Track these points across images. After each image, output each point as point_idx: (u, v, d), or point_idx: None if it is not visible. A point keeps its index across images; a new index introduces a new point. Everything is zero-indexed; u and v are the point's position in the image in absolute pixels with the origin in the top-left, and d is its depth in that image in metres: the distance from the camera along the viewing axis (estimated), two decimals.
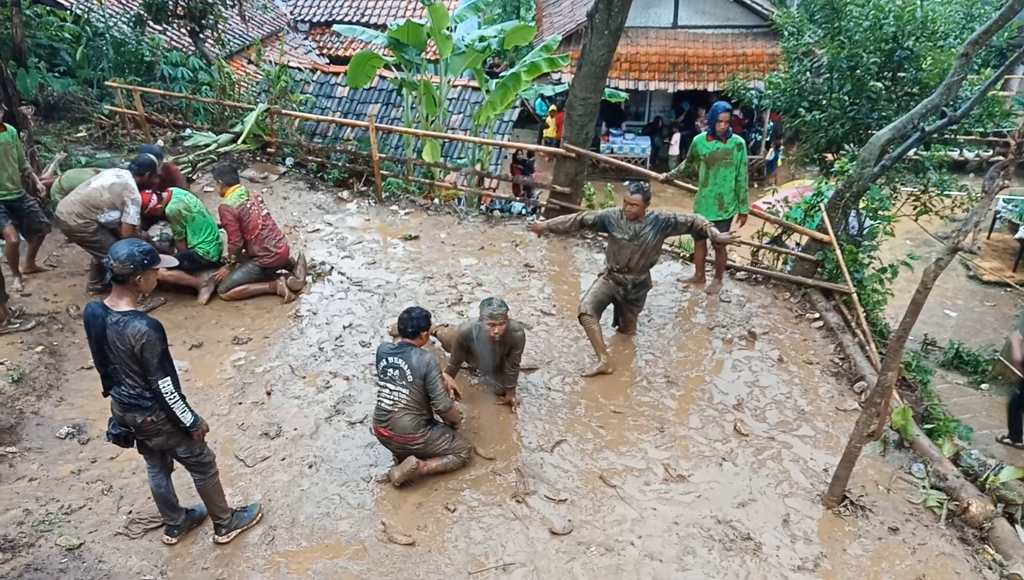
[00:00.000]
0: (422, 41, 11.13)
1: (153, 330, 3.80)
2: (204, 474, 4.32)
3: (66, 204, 6.45)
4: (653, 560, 4.39)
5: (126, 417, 4.01)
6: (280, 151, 10.53)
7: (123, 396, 3.96)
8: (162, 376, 3.86)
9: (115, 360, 3.87)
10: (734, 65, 18.48)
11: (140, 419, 3.98)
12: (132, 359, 3.81)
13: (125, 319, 3.78)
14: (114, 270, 3.77)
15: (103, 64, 11.65)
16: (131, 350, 3.77)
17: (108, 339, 3.82)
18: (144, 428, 4.02)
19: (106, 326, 3.81)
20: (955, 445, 5.39)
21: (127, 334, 3.76)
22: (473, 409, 5.61)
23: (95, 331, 3.86)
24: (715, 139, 6.71)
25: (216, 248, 7.05)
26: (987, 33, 6.02)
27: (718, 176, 6.81)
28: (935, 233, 13.36)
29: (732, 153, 6.70)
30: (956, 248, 4.00)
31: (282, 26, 20.12)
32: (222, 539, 4.46)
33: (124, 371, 3.88)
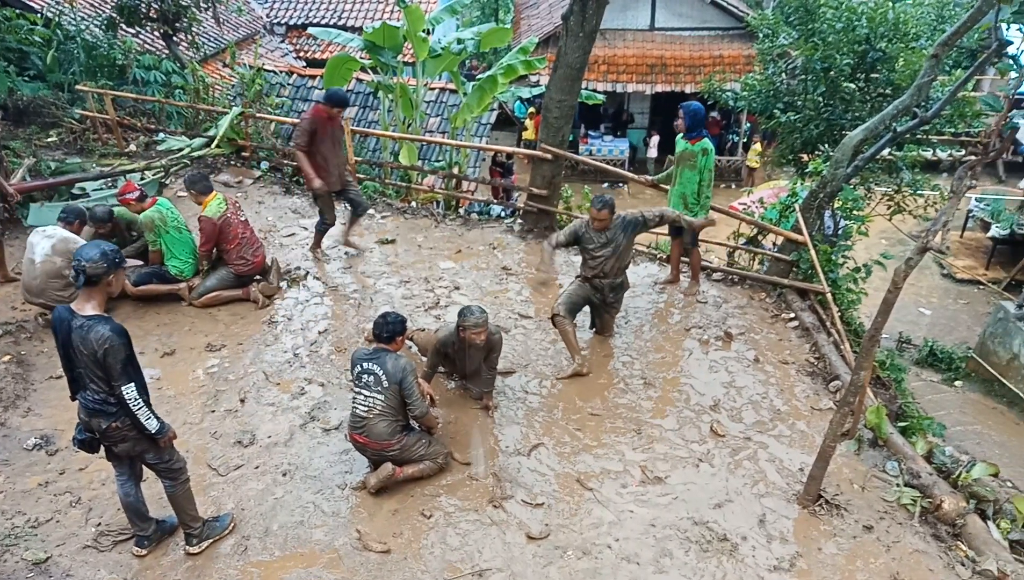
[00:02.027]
0: (398, 44, 11.08)
1: (117, 335, 3.74)
2: (174, 480, 4.24)
3: (33, 290, 6.23)
4: (630, 563, 4.38)
5: (91, 422, 3.96)
6: (255, 155, 10.43)
7: (88, 401, 3.91)
8: (125, 382, 3.79)
9: (80, 364, 3.82)
10: (710, 67, 18.62)
11: (105, 425, 3.92)
12: (95, 364, 3.75)
13: (89, 323, 3.73)
14: (87, 271, 3.71)
15: (74, 68, 11.49)
16: (94, 355, 3.72)
17: (73, 343, 3.77)
18: (109, 434, 3.96)
19: (71, 330, 3.76)
20: (928, 442, 5.43)
21: (90, 339, 3.70)
22: (449, 414, 5.57)
23: (61, 335, 3.81)
24: (686, 139, 6.72)
25: (191, 268, 6.92)
26: (957, 34, 6.09)
27: (683, 176, 6.81)
28: (909, 232, 13.54)
29: (696, 157, 6.67)
30: (925, 248, 4.02)
31: (257, 29, 19.97)
32: (193, 550, 4.38)
33: (88, 376, 3.83)
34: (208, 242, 6.72)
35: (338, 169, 7.16)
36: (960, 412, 10.24)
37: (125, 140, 10.68)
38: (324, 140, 6.92)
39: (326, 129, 6.90)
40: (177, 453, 4.26)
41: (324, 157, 6.98)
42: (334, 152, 7.05)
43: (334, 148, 7.04)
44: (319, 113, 6.88)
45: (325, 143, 6.95)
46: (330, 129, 6.94)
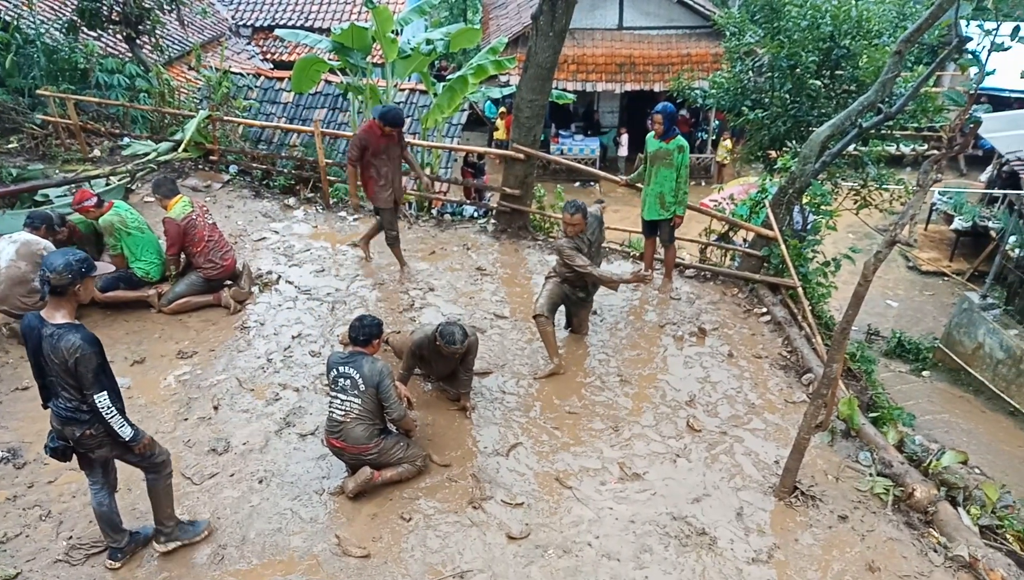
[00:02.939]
0: (367, 45, 11.02)
1: (88, 344, 3.68)
2: (158, 474, 4.21)
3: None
4: (611, 560, 4.40)
5: (64, 430, 3.89)
6: (223, 159, 10.30)
7: (60, 409, 3.84)
8: (98, 390, 3.73)
9: (51, 373, 3.76)
10: (679, 65, 18.77)
11: (79, 432, 3.86)
12: (66, 373, 3.70)
13: (60, 332, 3.67)
14: (51, 282, 3.65)
15: (34, 72, 11.26)
16: (65, 363, 3.66)
17: (43, 351, 3.71)
18: (83, 441, 3.90)
19: (42, 338, 3.70)
20: (899, 432, 5.53)
21: (61, 347, 3.64)
22: (427, 416, 5.55)
23: (31, 343, 3.75)
24: (659, 138, 6.78)
25: (157, 269, 6.81)
26: (918, 31, 6.21)
27: (659, 175, 6.88)
28: (875, 226, 13.77)
29: (672, 154, 6.74)
30: (893, 241, 4.09)
31: (223, 31, 19.72)
32: (160, 548, 4.33)
33: (60, 384, 3.77)
34: (174, 245, 6.62)
35: (394, 185, 6.97)
36: (928, 401, 10.45)
37: (89, 145, 10.49)
38: (378, 156, 6.77)
39: (379, 145, 6.73)
40: (159, 446, 4.19)
41: (378, 172, 6.83)
42: (390, 167, 6.87)
43: (389, 163, 6.86)
44: (371, 129, 6.71)
45: (379, 159, 6.78)
46: (384, 146, 6.77)
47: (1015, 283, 11.28)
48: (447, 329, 5.13)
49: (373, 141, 6.71)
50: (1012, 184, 14.80)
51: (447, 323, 5.19)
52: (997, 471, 7.94)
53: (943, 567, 4.37)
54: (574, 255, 5.80)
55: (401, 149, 7.03)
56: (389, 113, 6.65)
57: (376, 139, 6.71)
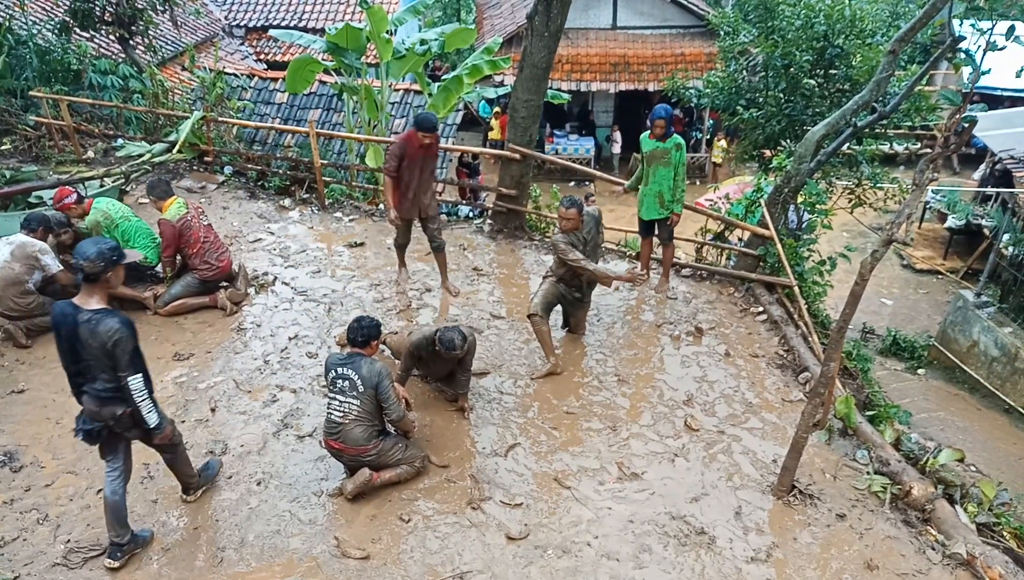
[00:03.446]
0: (361, 45, 10.98)
1: (125, 326, 3.87)
2: (173, 453, 4.48)
3: None
4: (610, 560, 4.40)
5: (103, 411, 4.04)
6: (218, 160, 10.26)
7: (100, 391, 4.00)
8: (132, 373, 3.92)
9: (88, 357, 3.91)
10: (673, 65, 18.80)
11: (119, 411, 4.04)
12: (105, 355, 3.86)
13: (98, 317, 3.84)
14: (85, 269, 3.82)
15: (27, 73, 11.19)
16: (104, 346, 3.83)
17: (80, 337, 3.85)
18: (122, 420, 4.08)
19: (78, 324, 3.84)
20: (896, 430, 5.56)
21: (100, 331, 3.81)
22: (425, 417, 5.54)
23: (65, 330, 3.89)
24: (655, 138, 6.79)
25: (154, 252, 6.79)
26: (912, 31, 6.23)
27: (657, 174, 6.89)
28: (869, 224, 13.83)
29: (670, 153, 6.76)
30: (890, 240, 4.11)
31: (217, 31, 19.65)
32: (191, 498, 4.70)
33: (99, 367, 3.92)
34: (170, 246, 6.60)
35: (418, 198, 6.66)
36: (924, 399, 10.48)
37: (82, 146, 10.44)
38: (412, 166, 6.44)
39: (416, 155, 6.39)
40: (177, 432, 4.43)
41: (406, 184, 6.54)
42: (418, 180, 6.54)
43: (419, 176, 6.53)
44: (410, 138, 6.38)
45: (411, 169, 6.45)
46: (420, 156, 6.44)
47: (1009, 281, 11.33)
48: (446, 335, 5.11)
49: (411, 150, 6.37)
50: (1005, 182, 14.87)
51: (446, 329, 5.17)
52: (993, 468, 7.98)
53: (941, 565, 4.39)
54: (568, 250, 5.81)
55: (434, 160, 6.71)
56: (421, 117, 6.30)
57: (414, 149, 6.38)
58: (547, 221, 9.04)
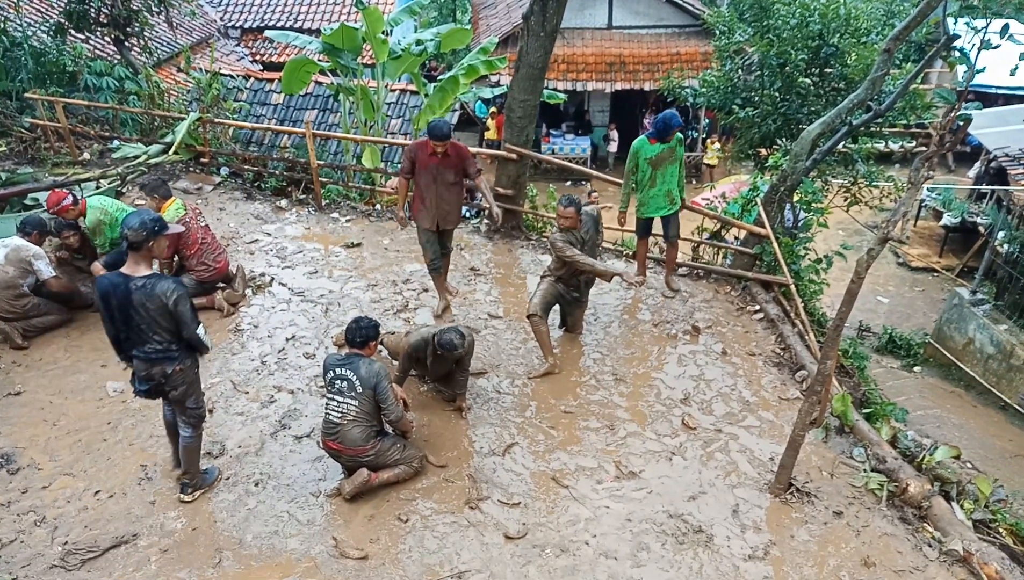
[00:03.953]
0: (357, 45, 10.99)
1: (180, 285, 4.24)
2: (195, 429, 4.67)
3: None
4: (608, 558, 4.41)
5: (153, 371, 4.34)
6: (214, 161, 10.25)
7: (151, 353, 4.30)
8: (197, 325, 4.33)
9: (142, 321, 4.20)
10: (668, 64, 18.81)
11: (171, 369, 4.35)
12: (163, 316, 4.19)
13: (151, 282, 4.16)
14: (129, 238, 4.14)
15: (22, 75, 11.17)
16: (164, 307, 4.16)
17: (134, 303, 4.14)
18: (173, 378, 4.39)
19: (131, 292, 4.14)
20: (892, 428, 5.57)
21: (157, 293, 4.14)
22: (423, 417, 5.55)
23: (116, 299, 4.16)
24: (658, 141, 6.70)
25: None
26: (907, 29, 6.25)
27: (666, 174, 6.81)
28: (865, 222, 13.85)
29: (676, 149, 6.76)
30: (886, 238, 4.12)
31: (212, 33, 19.64)
32: (187, 498, 4.75)
33: (153, 329, 4.23)
34: (168, 248, 6.59)
35: (436, 208, 6.37)
36: (920, 397, 10.51)
37: (78, 148, 10.42)
38: (425, 173, 6.23)
39: (427, 162, 6.16)
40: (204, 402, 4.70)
41: (422, 190, 6.35)
42: (434, 189, 6.28)
43: (435, 185, 6.26)
44: (422, 144, 6.19)
45: (425, 176, 6.24)
46: (433, 165, 6.18)
47: (1004, 278, 11.36)
48: (445, 337, 5.11)
49: (422, 157, 6.18)
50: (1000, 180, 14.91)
51: (444, 330, 5.17)
52: (989, 465, 8.00)
53: (938, 562, 4.41)
54: (565, 247, 5.82)
55: (463, 174, 6.33)
56: (432, 124, 6.04)
57: (425, 156, 6.17)
58: (544, 221, 9.04)
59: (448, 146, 6.08)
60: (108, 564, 4.34)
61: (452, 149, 6.15)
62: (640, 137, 6.84)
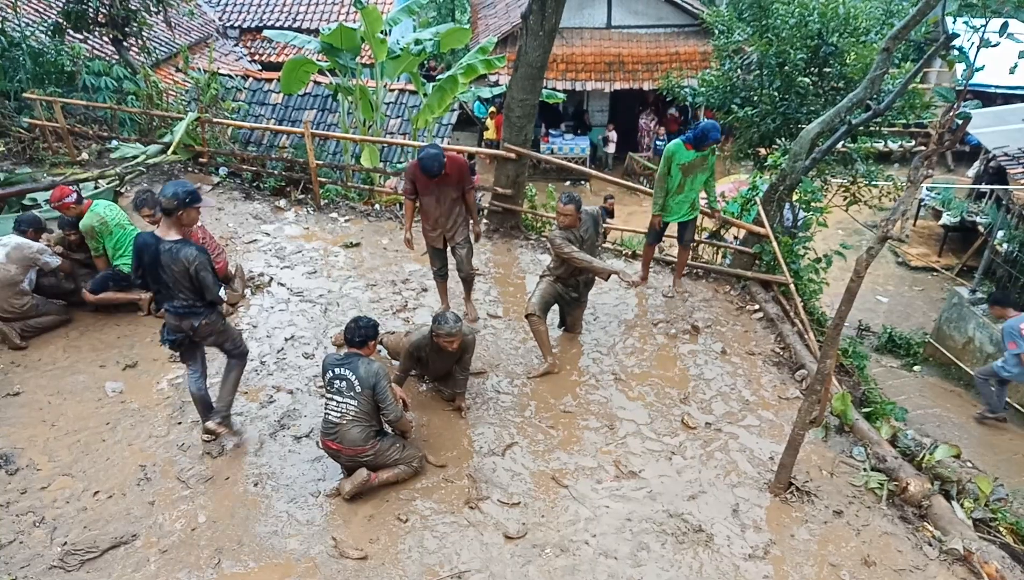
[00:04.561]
0: (356, 45, 10.99)
1: (202, 253, 4.63)
2: (240, 359, 5.18)
3: None
4: (608, 558, 4.40)
5: (182, 324, 4.79)
6: (213, 161, 10.24)
7: (179, 308, 4.74)
8: (219, 289, 4.75)
9: (169, 280, 4.62)
10: (668, 64, 18.82)
11: (197, 323, 4.79)
12: (185, 278, 4.59)
13: (177, 246, 4.55)
14: (163, 205, 4.53)
15: (20, 75, 11.16)
16: (186, 270, 4.55)
17: (162, 262, 4.56)
18: (200, 330, 4.84)
19: (159, 252, 4.54)
20: (892, 427, 5.57)
21: (181, 257, 4.53)
22: (423, 417, 5.54)
23: (148, 257, 4.58)
24: (693, 148, 6.58)
25: None
26: (906, 28, 6.25)
27: (695, 182, 6.77)
28: (864, 222, 13.86)
29: (708, 159, 6.69)
30: (885, 236, 4.12)
31: (211, 32, 19.63)
32: (212, 425, 5.09)
33: (178, 288, 4.65)
34: None
35: (441, 225, 6.34)
36: (920, 396, 10.48)
37: (77, 148, 10.41)
38: (427, 193, 6.19)
39: (427, 184, 6.09)
40: (243, 340, 5.22)
41: (426, 211, 6.33)
42: (436, 207, 6.24)
43: (437, 204, 6.22)
44: (414, 166, 6.10)
45: (428, 196, 6.20)
46: (433, 185, 6.11)
47: (1004, 277, 11.36)
48: (440, 315, 5.16)
49: (420, 178, 6.10)
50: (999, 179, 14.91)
51: (440, 313, 5.21)
52: (989, 464, 7.97)
53: (938, 561, 4.40)
54: (563, 244, 5.81)
55: (462, 193, 6.29)
56: (423, 157, 5.87)
57: (422, 179, 6.09)
58: (543, 220, 9.04)
59: (446, 165, 6.00)
60: (107, 565, 4.33)
61: (451, 166, 6.06)
62: (676, 141, 6.69)
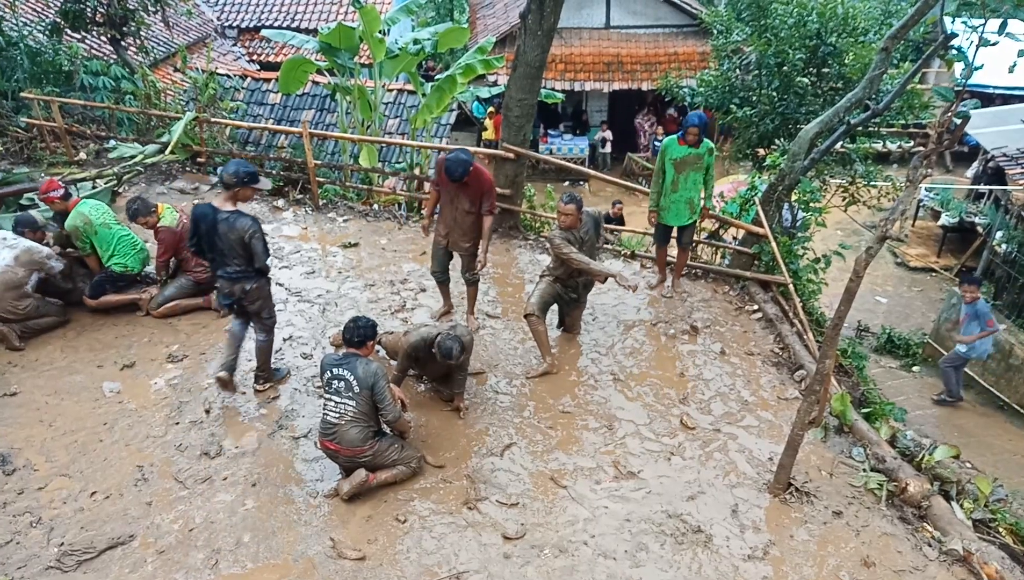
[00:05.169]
0: (354, 45, 10.97)
1: (256, 223, 5.12)
2: (268, 334, 5.62)
3: None
4: (607, 559, 4.39)
5: (234, 288, 5.26)
6: (211, 161, 10.22)
7: (231, 273, 5.20)
8: (267, 258, 5.20)
9: (224, 247, 5.09)
10: (666, 64, 18.82)
11: (248, 287, 5.26)
12: (239, 245, 5.07)
13: (234, 216, 5.06)
14: (224, 180, 5.10)
15: (18, 75, 11.13)
16: (241, 239, 5.04)
17: (219, 231, 5.04)
18: (250, 294, 5.30)
19: (216, 222, 5.03)
20: (891, 427, 5.56)
21: (237, 227, 5.03)
22: (421, 417, 5.53)
23: (205, 226, 5.07)
24: (686, 144, 6.60)
25: (135, 259, 6.66)
26: (904, 28, 6.24)
27: (688, 180, 6.72)
28: (863, 222, 13.86)
29: (704, 157, 6.67)
30: (884, 236, 4.11)
31: (209, 32, 19.60)
32: (260, 387, 5.72)
33: (232, 255, 5.12)
34: (167, 252, 6.58)
35: (450, 231, 6.29)
36: (919, 397, 10.48)
37: (74, 148, 10.38)
38: (446, 193, 6.15)
39: (447, 183, 5.98)
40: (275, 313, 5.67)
41: (442, 207, 6.30)
42: (449, 209, 6.20)
43: (450, 206, 6.17)
44: (441, 161, 6.02)
45: (447, 196, 6.16)
46: (452, 188, 6.04)
47: (1003, 278, 11.37)
48: (445, 343, 5.05)
49: (442, 177, 6.00)
50: (998, 180, 14.91)
51: (446, 336, 5.11)
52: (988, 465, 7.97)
53: (937, 561, 4.40)
54: (562, 244, 5.79)
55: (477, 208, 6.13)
56: (449, 161, 5.81)
57: (444, 179, 5.99)
58: (541, 220, 9.03)
59: (470, 175, 5.89)
60: (104, 565, 4.32)
61: (474, 179, 5.96)
62: (671, 136, 6.73)
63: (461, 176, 5.81)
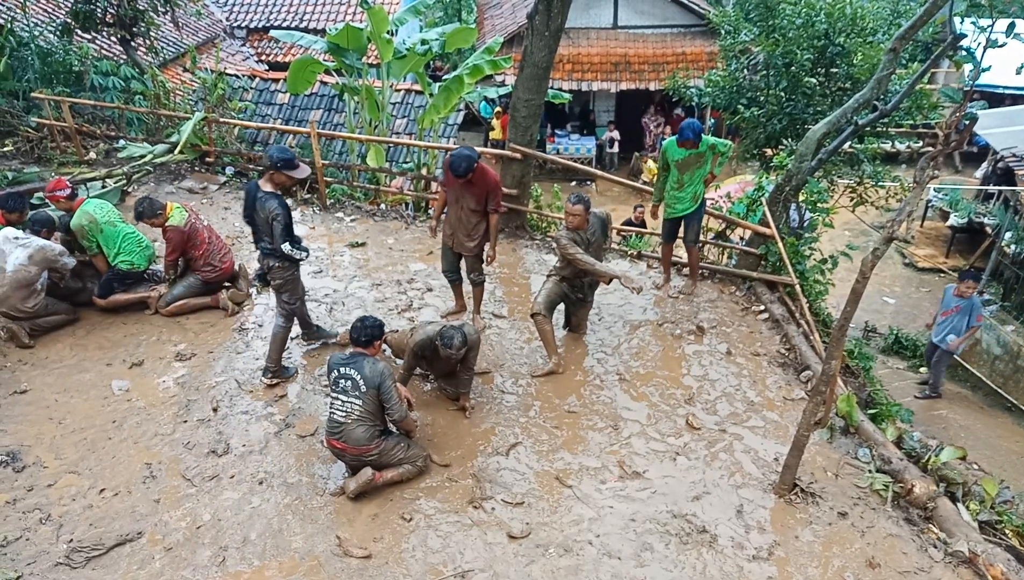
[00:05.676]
0: (362, 45, 11.00)
1: (283, 208, 5.36)
2: (286, 320, 5.84)
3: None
4: (611, 558, 4.40)
5: (264, 262, 5.62)
6: (220, 160, 10.28)
7: (264, 248, 5.56)
8: (283, 241, 5.40)
9: (260, 222, 5.44)
10: (674, 64, 18.79)
11: (273, 264, 5.57)
12: (266, 224, 5.39)
13: (266, 196, 5.36)
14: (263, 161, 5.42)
15: (29, 75, 11.21)
16: (267, 219, 5.35)
17: (256, 207, 5.40)
18: (275, 272, 5.61)
19: (256, 198, 5.40)
20: (898, 428, 5.54)
21: (266, 207, 5.33)
22: (427, 416, 5.55)
23: (249, 200, 5.49)
24: (684, 145, 6.61)
25: (141, 257, 6.71)
26: (913, 28, 6.23)
27: (693, 177, 6.76)
28: (871, 223, 13.81)
29: (706, 155, 6.66)
30: (891, 237, 4.11)
31: (218, 33, 19.68)
32: (267, 380, 5.84)
33: (264, 231, 5.46)
34: (176, 251, 6.60)
35: (454, 230, 6.30)
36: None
37: (84, 148, 10.46)
38: (451, 192, 6.15)
39: (452, 182, 6.01)
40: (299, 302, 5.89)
41: (448, 206, 6.31)
42: (454, 209, 6.20)
43: (456, 205, 6.17)
44: (447, 159, 6.07)
45: (452, 194, 6.16)
46: (457, 186, 6.03)
47: (1011, 279, 11.32)
48: (448, 332, 5.10)
49: (448, 173, 6.02)
50: (1007, 180, 14.85)
51: (450, 327, 5.17)
52: (995, 467, 7.94)
53: (943, 563, 4.39)
54: (568, 245, 5.80)
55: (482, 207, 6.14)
56: (453, 156, 5.83)
57: (450, 177, 6.03)
58: (548, 220, 9.04)
59: (473, 175, 5.89)
60: (113, 562, 4.35)
61: (478, 178, 5.96)
62: (670, 138, 6.80)
63: (465, 171, 5.80)
